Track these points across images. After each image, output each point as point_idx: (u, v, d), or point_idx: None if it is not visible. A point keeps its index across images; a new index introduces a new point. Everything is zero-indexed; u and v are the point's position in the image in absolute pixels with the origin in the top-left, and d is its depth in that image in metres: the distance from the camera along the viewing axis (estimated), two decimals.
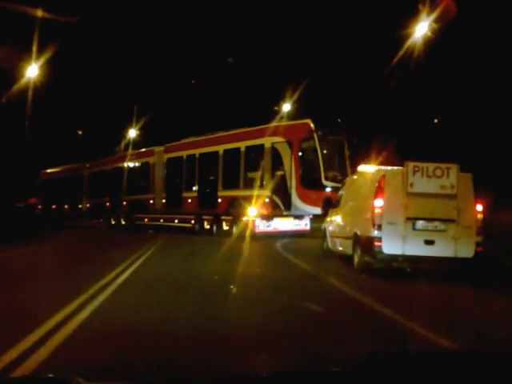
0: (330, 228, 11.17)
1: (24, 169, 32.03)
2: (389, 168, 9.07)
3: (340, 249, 10.31)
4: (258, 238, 15.50)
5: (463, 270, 8.22)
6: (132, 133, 28.73)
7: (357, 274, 8.72)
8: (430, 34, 14.18)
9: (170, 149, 21.77)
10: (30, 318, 5.15)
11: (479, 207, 8.41)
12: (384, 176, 8.56)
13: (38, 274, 8.78)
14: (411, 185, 8.19)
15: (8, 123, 26.46)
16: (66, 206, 31.34)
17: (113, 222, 25.34)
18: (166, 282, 7.84)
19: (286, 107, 23.89)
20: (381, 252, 8.18)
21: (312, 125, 15.08)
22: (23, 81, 19.14)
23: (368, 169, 10.05)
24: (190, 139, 20.80)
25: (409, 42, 14.55)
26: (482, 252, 8.29)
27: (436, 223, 8.25)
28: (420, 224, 8.24)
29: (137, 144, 27.25)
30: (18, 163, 31.45)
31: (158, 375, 2.72)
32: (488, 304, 6.46)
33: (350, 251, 9.33)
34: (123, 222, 24.57)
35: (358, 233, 8.92)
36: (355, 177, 10.74)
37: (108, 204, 26.34)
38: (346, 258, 9.62)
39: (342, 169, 14.99)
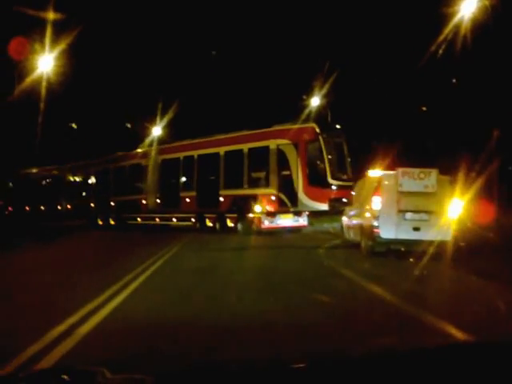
0: (346, 222, 15.05)
1: None
2: (385, 172, 12.69)
3: (353, 237, 14.02)
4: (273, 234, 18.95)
5: (442, 250, 11.69)
6: (157, 131, 30.38)
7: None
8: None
9: (165, 150, 24.97)
10: None
11: (456, 202, 12.08)
12: (380, 179, 12.29)
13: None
14: (401, 185, 11.85)
15: None
16: (41, 207, 33.93)
17: (100, 223, 28.15)
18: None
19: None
20: (379, 237, 11.89)
21: (317, 128, 18.33)
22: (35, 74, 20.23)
23: (373, 173, 13.73)
24: (188, 141, 23.96)
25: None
26: (457, 236, 11.93)
27: (421, 214, 11.90)
28: (409, 215, 11.89)
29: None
30: None
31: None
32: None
33: (359, 238, 13.07)
34: (112, 222, 27.44)
35: (363, 223, 12.70)
36: (362, 180, 14.49)
37: (93, 204, 29.21)
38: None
39: (344, 168, 18.48)
